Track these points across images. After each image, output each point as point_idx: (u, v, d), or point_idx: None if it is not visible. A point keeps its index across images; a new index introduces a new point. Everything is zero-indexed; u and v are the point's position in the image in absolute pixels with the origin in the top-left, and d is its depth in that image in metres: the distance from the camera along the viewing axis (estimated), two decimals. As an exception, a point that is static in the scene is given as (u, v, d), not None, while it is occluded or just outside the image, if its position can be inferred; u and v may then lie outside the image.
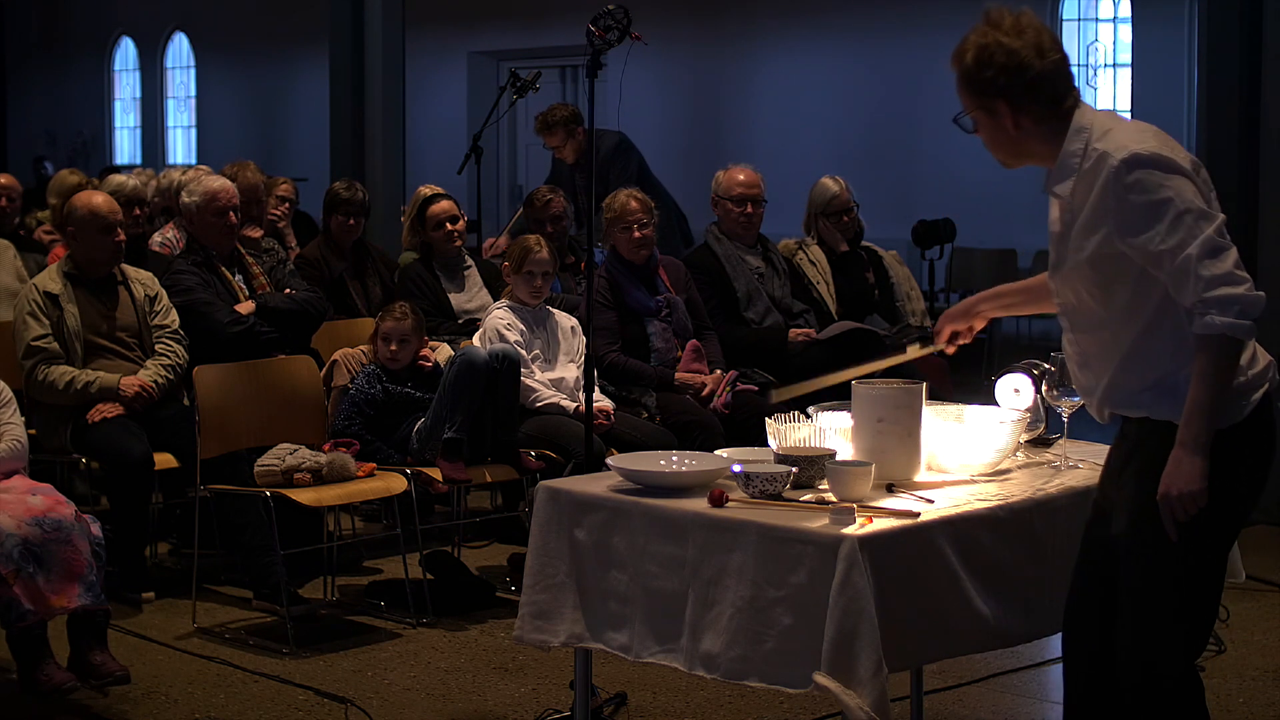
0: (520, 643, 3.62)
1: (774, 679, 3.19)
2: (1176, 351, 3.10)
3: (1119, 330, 3.17)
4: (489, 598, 5.84)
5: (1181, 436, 3.03)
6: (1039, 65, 3.13)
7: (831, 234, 7.43)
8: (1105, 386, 3.21)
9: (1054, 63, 3.15)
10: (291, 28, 16.69)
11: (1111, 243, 3.08)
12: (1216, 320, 2.98)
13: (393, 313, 6.05)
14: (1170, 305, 3.10)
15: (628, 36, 5.07)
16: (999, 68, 3.13)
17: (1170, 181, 3.02)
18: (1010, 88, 3.14)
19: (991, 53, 3.14)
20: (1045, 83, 3.14)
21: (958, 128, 3.30)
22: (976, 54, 3.16)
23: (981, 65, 3.15)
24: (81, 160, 18.13)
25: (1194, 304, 3.00)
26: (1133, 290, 3.12)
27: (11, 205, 8.26)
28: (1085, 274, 3.17)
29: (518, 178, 15.85)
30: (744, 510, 3.32)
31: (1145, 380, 3.15)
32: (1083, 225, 3.13)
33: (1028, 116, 3.17)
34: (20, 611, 4.48)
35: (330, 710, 4.73)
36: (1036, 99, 3.15)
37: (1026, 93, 3.14)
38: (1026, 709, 4.80)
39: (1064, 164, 3.16)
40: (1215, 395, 3.01)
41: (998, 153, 3.28)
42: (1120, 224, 3.05)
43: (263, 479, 5.49)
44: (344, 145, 10.47)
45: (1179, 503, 3.02)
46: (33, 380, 5.90)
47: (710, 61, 14.29)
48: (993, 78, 3.14)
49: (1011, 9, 3.22)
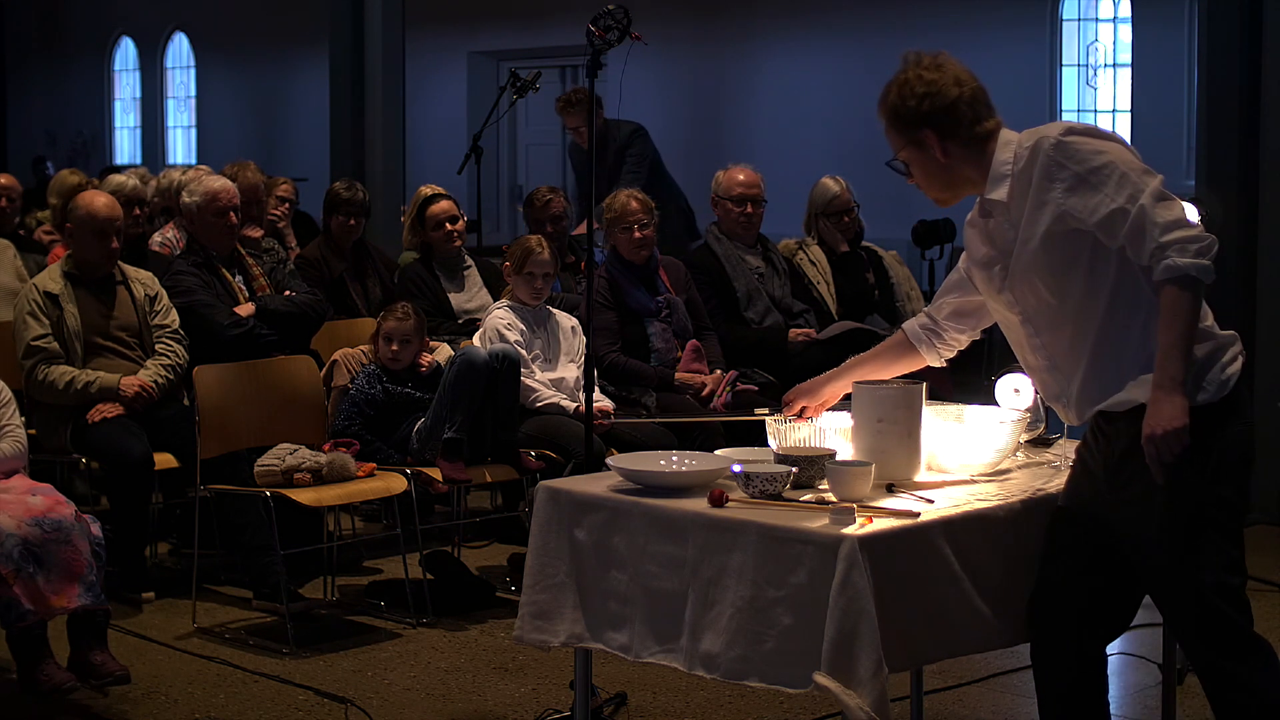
0: (520, 643, 3.62)
1: (774, 679, 3.19)
2: (1146, 332, 3.17)
3: (1081, 322, 3.25)
4: (489, 598, 5.85)
5: (1157, 379, 3.09)
6: (957, 92, 3.31)
7: (832, 234, 7.43)
8: (1080, 384, 3.28)
9: (972, 90, 3.34)
10: (291, 28, 16.68)
11: (1062, 220, 3.19)
12: (1178, 260, 3.07)
13: (395, 313, 6.05)
14: (1126, 286, 3.18)
15: (628, 36, 5.07)
16: (920, 97, 3.32)
17: (1106, 146, 3.19)
18: (933, 114, 3.31)
19: (912, 85, 3.34)
20: (965, 107, 3.31)
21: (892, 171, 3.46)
22: (898, 90, 3.36)
23: (904, 98, 3.34)
24: (81, 160, 18.11)
25: (1153, 250, 3.09)
26: (1086, 273, 3.21)
27: (11, 205, 8.26)
28: (1039, 264, 3.25)
29: (518, 178, 15.84)
30: (744, 510, 3.32)
31: (1124, 368, 3.21)
32: (1029, 214, 3.24)
33: (954, 142, 3.33)
34: (20, 611, 4.48)
35: (330, 710, 4.73)
36: (959, 124, 3.31)
37: (948, 118, 3.31)
38: (1026, 709, 4.80)
39: (996, 174, 3.31)
40: (1186, 334, 3.08)
41: (932, 189, 3.44)
42: (1068, 194, 3.17)
43: (263, 479, 5.49)
44: (344, 145, 10.47)
45: (1163, 441, 3.07)
46: (33, 380, 5.90)
47: (710, 61, 14.27)
48: (915, 106, 3.32)
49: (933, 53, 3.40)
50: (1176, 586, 3.24)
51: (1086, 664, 3.37)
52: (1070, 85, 12.51)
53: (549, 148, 15.64)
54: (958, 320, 3.68)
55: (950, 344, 3.74)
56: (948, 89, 3.31)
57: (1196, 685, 4.87)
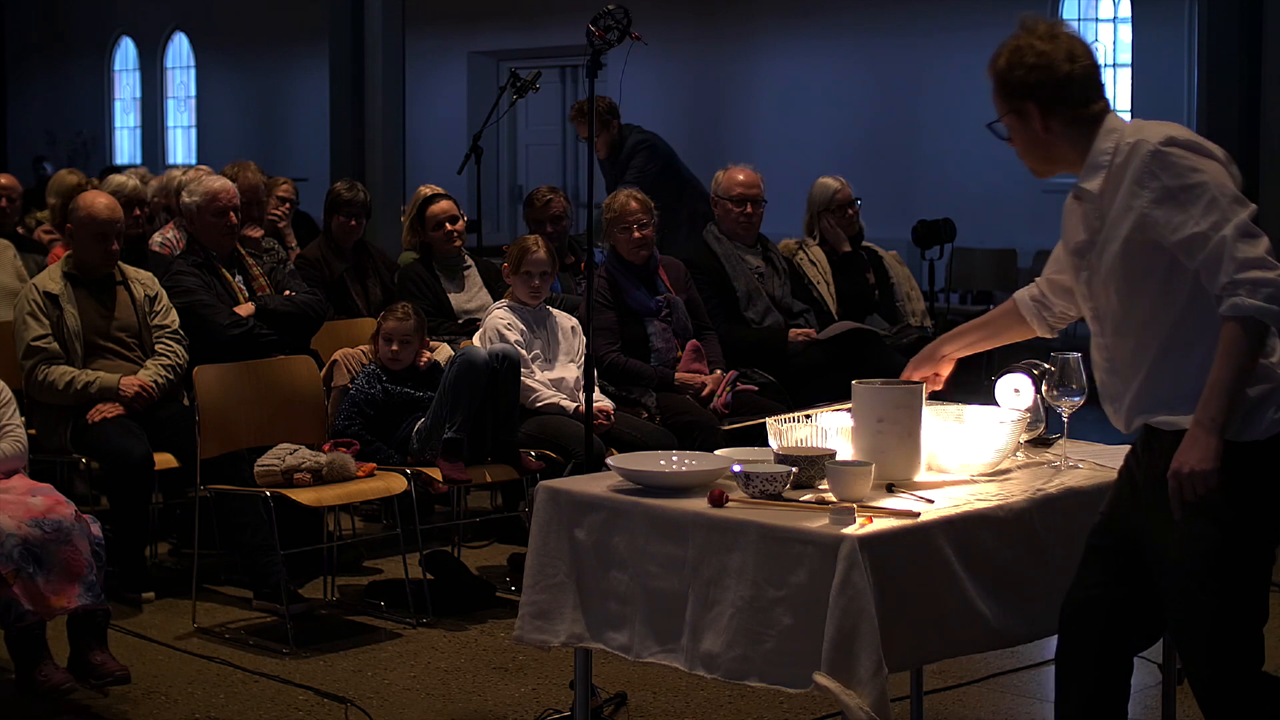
0: (520, 643, 3.62)
1: (774, 679, 3.19)
2: (1210, 358, 3.06)
3: (1146, 336, 3.17)
4: (489, 598, 5.84)
5: (1199, 416, 3.02)
6: (1068, 68, 3.20)
7: (835, 233, 7.42)
8: (1134, 395, 3.21)
9: (1084, 68, 3.22)
10: (291, 28, 16.69)
11: (1144, 229, 3.10)
12: (1246, 301, 2.97)
13: (395, 313, 6.05)
14: (1198, 309, 3.09)
15: (628, 36, 5.07)
16: (1029, 68, 3.21)
17: (1204, 165, 3.07)
18: (1039, 88, 3.21)
19: (1023, 54, 3.23)
20: (1074, 85, 3.21)
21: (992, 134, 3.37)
22: (1009, 56, 3.25)
23: (1013, 66, 3.24)
24: (81, 160, 18.11)
25: (1225, 284, 2.99)
26: (1159, 288, 3.13)
27: (11, 205, 8.26)
28: (1115, 269, 3.18)
29: (518, 178, 15.85)
30: (744, 510, 3.32)
31: (1180, 390, 3.12)
32: (1115, 216, 3.15)
33: (1057, 119, 3.23)
34: (19, 612, 4.48)
35: (330, 710, 4.73)
36: (1065, 101, 3.21)
37: (1055, 94, 3.20)
38: (1026, 709, 4.80)
39: (1093, 162, 3.20)
40: (1238, 377, 3.00)
41: (1029, 159, 3.34)
42: (1155, 205, 3.07)
43: (263, 479, 5.49)
44: (344, 145, 10.49)
45: (1189, 480, 3.01)
46: (33, 380, 5.89)
47: (710, 61, 14.28)
48: (1023, 78, 3.22)
49: (1047, 18, 3.30)
50: (1191, 617, 3.17)
51: (1107, 671, 3.32)
52: (1070, 85, 12.48)
53: (549, 148, 15.66)
54: (1063, 296, 3.59)
55: (1060, 317, 3.66)
56: (1059, 63, 3.19)
57: (1196, 685, 4.88)
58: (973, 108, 12.80)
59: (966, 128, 12.57)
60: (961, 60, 12.67)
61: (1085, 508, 3.57)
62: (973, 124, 14.36)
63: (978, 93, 3.52)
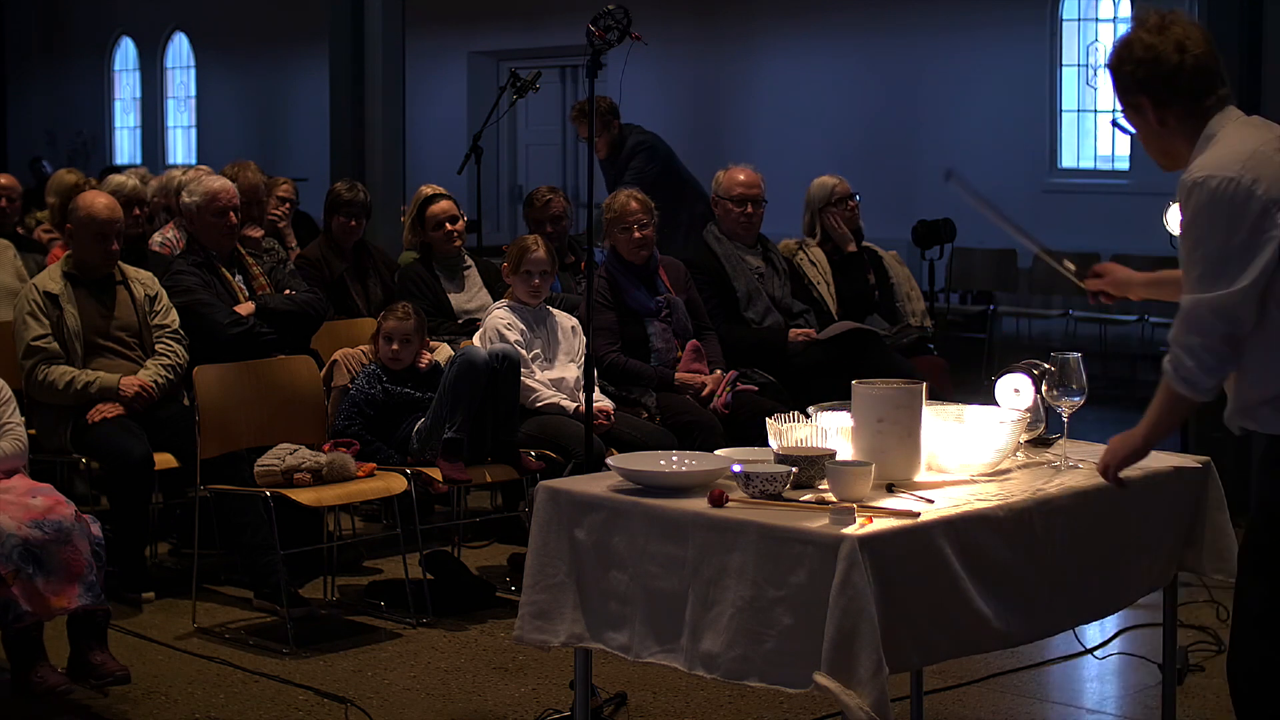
0: (520, 643, 3.62)
1: (774, 679, 3.19)
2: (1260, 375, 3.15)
3: None
4: (489, 598, 5.85)
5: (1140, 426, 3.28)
6: (1177, 59, 3.18)
7: (841, 231, 7.41)
8: (1232, 396, 3.27)
9: (1195, 58, 3.19)
10: (291, 28, 16.68)
11: None
12: (1167, 366, 3.15)
13: (395, 312, 6.05)
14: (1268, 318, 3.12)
15: (628, 36, 5.07)
16: (1137, 62, 3.21)
17: (1217, 220, 3.06)
18: (1149, 81, 3.21)
19: (1131, 48, 3.23)
20: (1185, 77, 3.19)
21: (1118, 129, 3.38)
22: (1118, 51, 3.26)
23: (1122, 60, 3.24)
24: (81, 160, 18.10)
25: (1172, 337, 3.14)
26: None
27: (11, 205, 8.26)
28: None
29: (518, 178, 15.85)
30: (744, 510, 3.32)
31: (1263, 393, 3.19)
32: None
33: (1171, 113, 3.23)
34: (18, 612, 4.48)
35: (330, 710, 4.73)
36: (1177, 94, 3.20)
37: (1166, 87, 3.20)
38: (1026, 709, 4.80)
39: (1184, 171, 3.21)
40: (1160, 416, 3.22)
41: (1151, 152, 3.35)
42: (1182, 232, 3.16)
43: (263, 479, 5.49)
44: (344, 145, 10.49)
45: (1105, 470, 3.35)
46: (33, 380, 5.89)
47: (710, 61, 14.28)
48: (1132, 72, 3.22)
49: (1161, 10, 3.27)
50: (1237, 601, 3.27)
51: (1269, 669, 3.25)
52: (1070, 85, 12.51)
53: (549, 148, 15.65)
54: None
55: None
56: (1168, 55, 3.17)
57: (1197, 685, 4.90)
58: (973, 108, 12.82)
59: (966, 128, 12.61)
60: (961, 60, 12.68)
61: (1085, 508, 3.58)
62: (973, 124, 14.42)
63: (978, 93, 3.52)
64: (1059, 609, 3.58)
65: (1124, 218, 11.34)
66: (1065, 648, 5.17)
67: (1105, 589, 3.73)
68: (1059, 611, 3.59)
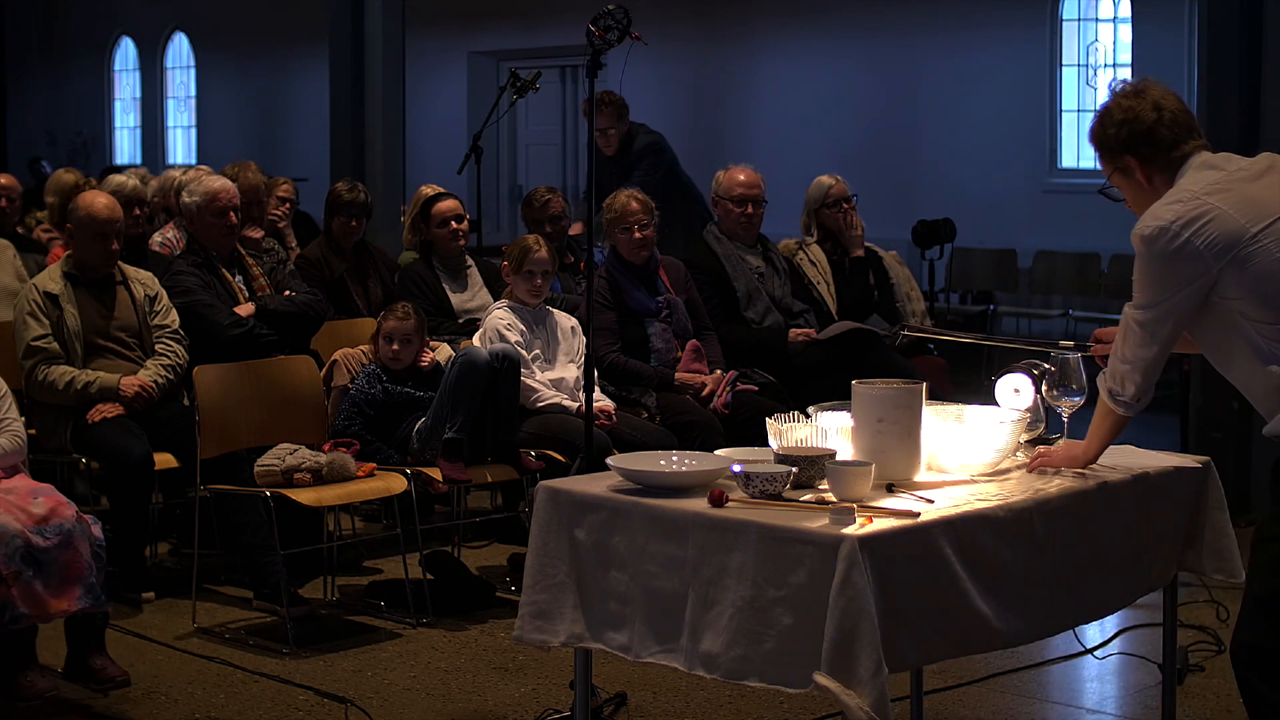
0: (520, 643, 3.62)
1: (774, 679, 3.19)
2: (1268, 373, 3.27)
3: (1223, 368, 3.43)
4: (489, 598, 5.85)
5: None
6: (1154, 116, 3.40)
7: (847, 235, 7.40)
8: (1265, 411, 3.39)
9: (1172, 114, 3.41)
10: (291, 28, 16.68)
11: None
12: (1100, 381, 3.47)
13: (395, 312, 6.05)
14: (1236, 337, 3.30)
15: (628, 36, 5.07)
16: (1118, 124, 3.42)
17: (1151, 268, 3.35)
18: (1131, 140, 3.42)
19: (1111, 114, 3.45)
20: (1165, 131, 3.39)
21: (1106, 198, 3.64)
22: (1100, 118, 3.48)
23: (1104, 125, 3.46)
24: (81, 160, 18.10)
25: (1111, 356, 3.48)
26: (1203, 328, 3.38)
27: (11, 205, 8.26)
28: None
29: (518, 178, 15.84)
30: (744, 510, 3.32)
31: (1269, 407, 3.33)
32: None
33: (1157, 171, 3.42)
34: (15, 614, 4.46)
35: (330, 710, 4.74)
36: (1159, 149, 3.40)
37: (1148, 143, 3.41)
38: (1026, 709, 4.80)
39: None
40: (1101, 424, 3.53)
41: (1141, 214, 3.49)
42: None
43: (263, 479, 5.49)
44: (344, 145, 10.48)
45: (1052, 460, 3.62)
46: (32, 380, 5.89)
47: (710, 61, 14.27)
48: (1115, 134, 3.43)
49: (1136, 80, 3.52)
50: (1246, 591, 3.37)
51: None
52: (1070, 85, 12.51)
53: (549, 148, 15.64)
54: None
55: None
56: (1145, 114, 3.40)
57: (1196, 685, 4.90)
58: (973, 108, 12.81)
59: (966, 128, 12.61)
60: (961, 60, 12.68)
61: (1085, 508, 3.58)
62: (973, 124, 14.40)
63: (978, 93, 3.52)
64: (1059, 609, 3.58)
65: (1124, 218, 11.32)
66: (1065, 648, 5.17)
67: (1105, 589, 3.73)
68: (1059, 611, 3.59)
